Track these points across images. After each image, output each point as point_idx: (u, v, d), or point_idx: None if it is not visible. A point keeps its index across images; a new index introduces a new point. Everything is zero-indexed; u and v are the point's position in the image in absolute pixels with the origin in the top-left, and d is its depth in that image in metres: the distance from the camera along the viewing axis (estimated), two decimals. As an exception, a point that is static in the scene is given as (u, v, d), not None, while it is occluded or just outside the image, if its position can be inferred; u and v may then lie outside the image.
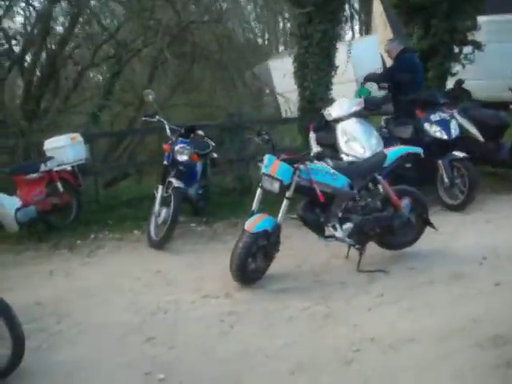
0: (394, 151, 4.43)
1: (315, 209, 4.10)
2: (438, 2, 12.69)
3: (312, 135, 6.31)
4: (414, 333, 3.27)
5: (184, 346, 3.40)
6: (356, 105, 5.82)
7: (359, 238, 4.17)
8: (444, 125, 5.74)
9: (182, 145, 5.33)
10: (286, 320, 3.62)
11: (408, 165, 5.06)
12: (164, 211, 5.22)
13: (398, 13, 15.16)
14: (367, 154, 5.52)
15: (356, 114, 5.76)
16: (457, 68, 14.17)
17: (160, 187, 5.34)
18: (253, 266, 4.07)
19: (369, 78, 6.91)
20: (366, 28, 26.06)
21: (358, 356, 3.11)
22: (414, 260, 4.39)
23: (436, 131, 5.74)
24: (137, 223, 5.95)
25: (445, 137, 5.70)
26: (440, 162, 5.68)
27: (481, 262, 4.29)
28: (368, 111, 5.97)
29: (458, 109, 7.67)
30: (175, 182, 5.18)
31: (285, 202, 4.03)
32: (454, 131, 5.75)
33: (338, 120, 5.80)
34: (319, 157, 3.96)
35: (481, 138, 7.23)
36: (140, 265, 4.88)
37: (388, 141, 6.57)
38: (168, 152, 5.37)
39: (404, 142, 6.22)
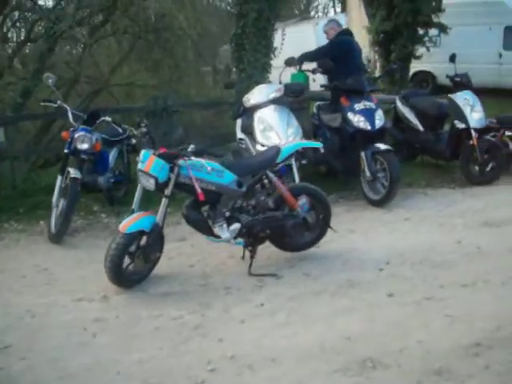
0: (289, 146, 4.11)
1: (201, 207, 3.78)
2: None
3: (238, 122, 5.96)
4: (277, 352, 2.97)
5: (36, 357, 3.09)
6: (275, 91, 5.46)
7: (249, 239, 3.86)
8: (368, 115, 5.41)
9: (82, 132, 4.95)
10: (152, 330, 3.32)
11: (304, 161, 4.73)
12: (61, 202, 4.89)
13: None
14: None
15: (275, 101, 5.41)
16: (421, 51, 13.90)
17: (59, 177, 4.99)
18: (131, 268, 3.76)
19: (302, 58, 6.51)
20: (343, 7, 25.42)
21: (210, 377, 2.82)
22: (312, 264, 4.09)
23: (360, 121, 5.41)
24: (48, 212, 5.59)
25: (368, 127, 5.38)
26: (362, 154, 5.38)
27: (382, 268, 4.01)
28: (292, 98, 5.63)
29: (399, 96, 7.39)
30: (72, 172, 4.82)
31: (164, 201, 3.70)
32: (379, 122, 5.43)
33: (256, 107, 5.46)
34: (198, 152, 3.61)
35: (420, 128, 6.96)
36: (30, 261, 4.55)
37: (318, 129, 6.28)
38: (68, 140, 4.99)
39: (332, 130, 5.93)
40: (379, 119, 5.44)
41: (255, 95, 5.53)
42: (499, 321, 3.14)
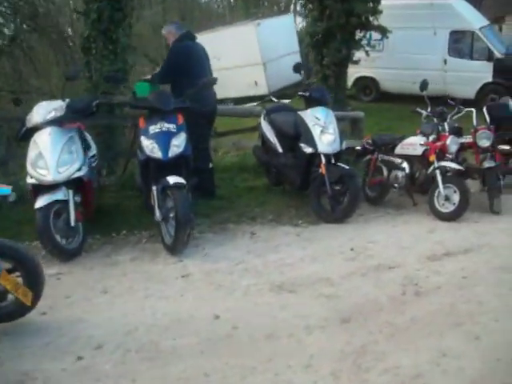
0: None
1: None
2: (332, -22, 11.26)
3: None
4: None
5: None
6: (54, 110, 4.43)
7: None
8: (162, 139, 4.35)
9: None
10: None
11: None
12: None
13: None
14: (49, 179, 4.19)
15: (54, 123, 4.38)
16: (358, 55, 12.80)
17: None
18: None
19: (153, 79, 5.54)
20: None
21: None
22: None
23: (151, 147, 4.35)
24: None
25: (159, 155, 4.32)
26: (154, 188, 4.31)
27: (81, 356, 2.95)
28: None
29: (263, 111, 6.33)
30: None
31: None
32: (175, 149, 4.34)
33: (35, 129, 4.44)
34: None
35: (279, 149, 5.90)
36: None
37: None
38: None
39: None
40: (177, 146, 4.36)
41: (34, 114, 4.51)
42: None
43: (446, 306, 3.42)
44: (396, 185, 5.58)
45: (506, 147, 6.38)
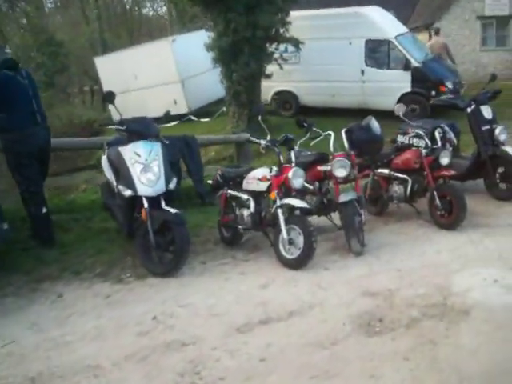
0: None
1: None
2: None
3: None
4: None
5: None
6: None
7: None
8: None
9: None
10: None
11: None
12: None
13: (193, 2, 12.88)
14: None
15: None
16: (271, 69, 12.09)
17: None
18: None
19: None
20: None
21: None
22: None
23: None
24: None
25: None
26: None
27: None
28: None
29: (105, 145, 5.45)
30: None
31: None
32: None
33: None
34: None
35: (115, 188, 5.03)
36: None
37: None
38: None
39: None
40: None
41: None
42: None
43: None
44: (240, 226, 4.77)
45: (385, 171, 5.67)
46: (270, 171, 4.49)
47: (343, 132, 4.94)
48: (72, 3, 27.66)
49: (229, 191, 4.96)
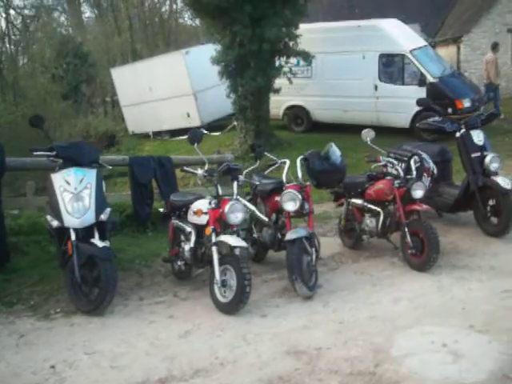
0: None
1: None
2: (238, 2, 10.21)
3: None
4: None
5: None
6: None
7: None
8: None
9: None
10: None
11: None
12: None
13: (199, 15, 12.58)
14: None
15: None
16: (281, 82, 11.65)
17: None
18: None
19: None
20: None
21: None
22: None
23: None
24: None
25: None
26: None
27: None
28: None
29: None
30: None
31: None
32: None
33: None
34: None
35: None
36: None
37: None
38: None
39: None
40: None
41: None
42: None
43: None
44: (179, 262, 4.39)
45: (359, 201, 5.17)
46: (210, 203, 4.10)
47: (298, 160, 4.49)
48: (107, 14, 28.01)
49: (176, 221, 4.59)
